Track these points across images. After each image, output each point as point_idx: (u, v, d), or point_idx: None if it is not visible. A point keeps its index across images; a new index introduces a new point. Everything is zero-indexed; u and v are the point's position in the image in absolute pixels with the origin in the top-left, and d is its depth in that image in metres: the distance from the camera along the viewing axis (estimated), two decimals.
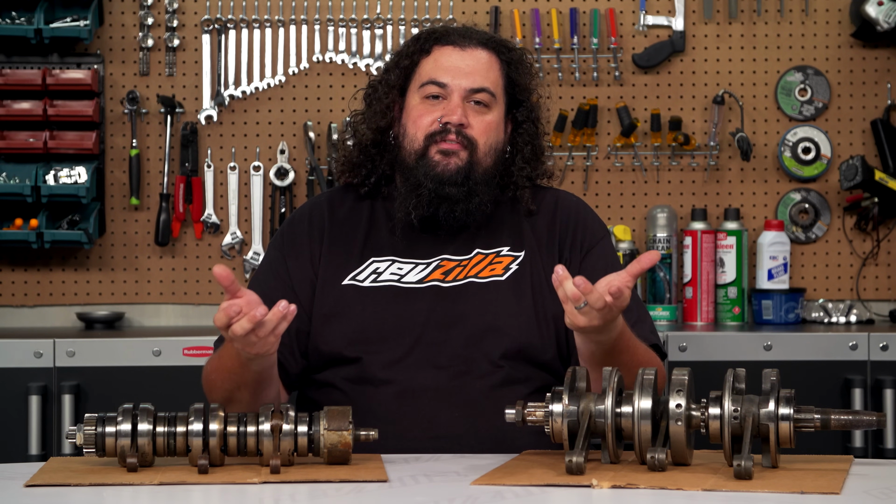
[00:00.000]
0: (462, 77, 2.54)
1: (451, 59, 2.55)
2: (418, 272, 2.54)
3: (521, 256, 2.55)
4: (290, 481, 2.05)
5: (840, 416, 2.09)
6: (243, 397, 2.38)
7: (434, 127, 2.53)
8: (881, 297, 4.24)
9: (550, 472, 2.08)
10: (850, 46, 4.24)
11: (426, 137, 2.53)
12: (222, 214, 4.20)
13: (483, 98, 2.54)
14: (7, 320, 4.18)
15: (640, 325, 2.50)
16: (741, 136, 4.15)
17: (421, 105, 2.55)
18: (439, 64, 2.55)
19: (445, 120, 2.52)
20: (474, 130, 2.53)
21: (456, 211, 2.52)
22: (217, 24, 4.18)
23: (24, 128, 4.08)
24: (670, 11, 4.23)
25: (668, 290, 4.14)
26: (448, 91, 2.53)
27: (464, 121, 2.52)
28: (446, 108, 2.53)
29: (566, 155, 4.21)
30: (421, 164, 2.52)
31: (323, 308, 2.53)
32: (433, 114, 2.53)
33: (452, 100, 2.53)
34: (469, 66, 2.55)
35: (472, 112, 2.54)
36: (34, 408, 3.61)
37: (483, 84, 2.54)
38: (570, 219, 2.60)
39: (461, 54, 2.55)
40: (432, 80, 2.54)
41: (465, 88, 2.53)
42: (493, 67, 2.57)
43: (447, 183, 2.51)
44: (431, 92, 2.54)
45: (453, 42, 2.56)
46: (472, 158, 2.53)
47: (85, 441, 2.12)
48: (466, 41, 2.57)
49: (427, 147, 2.53)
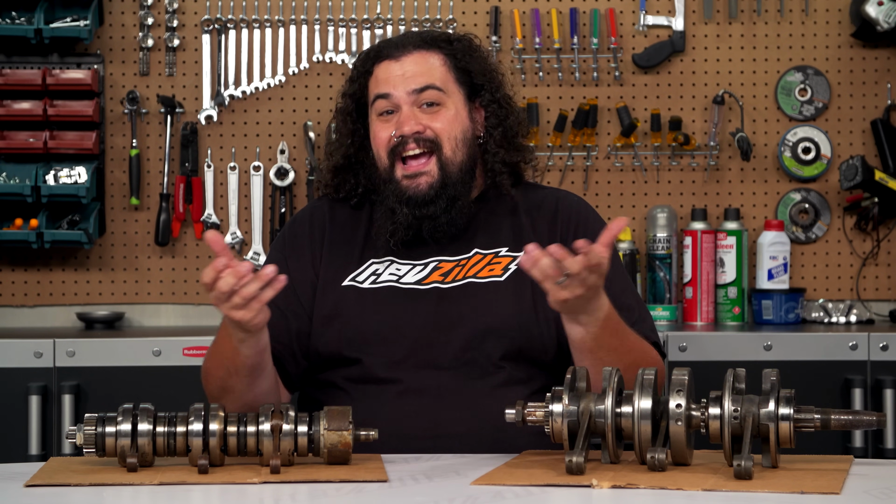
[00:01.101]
0: (402, 83, 2.54)
1: (390, 70, 2.56)
2: (416, 273, 2.54)
3: (520, 257, 2.55)
4: (290, 481, 2.05)
5: (840, 416, 2.09)
6: (236, 385, 2.37)
7: (392, 142, 2.54)
8: (881, 297, 4.24)
9: (550, 472, 2.08)
10: (850, 46, 4.24)
11: (389, 153, 2.54)
12: (222, 214, 4.20)
13: (431, 96, 2.54)
14: (7, 320, 4.18)
15: (641, 324, 2.50)
16: (741, 136, 4.16)
17: (378, 123, 2.57)
18: (380, 79, 2.56)
19: (399, 133, 2.53)
20: (434, 130, 2.53)
21: (439, 225, 2.54)
22: (217, 24, 4.18)
23: (24, 128, 4.08)
24: (670, 11, 4.23)
25: (668, 290, 4.14)
26: (395, 101, 2.54)
27: (418, 127, 2.52)
28: (398, 120, 2.53)
29: (566, 155, 4.21)
30: (391, 189, 2.54)
31: (323, 309, 2.54)
32: (388, 129, 2.54)
33: (403, 111, 2.54)
34: (408, 72, 2.55)
35: (426, 115, 2.54)
36: (34, 408, 3.61)
37: (426, 82, 2.54)
38: (572, 218, 2.60)
39: (398, 63, 2.56)
40: (377, 95, 2.56)
41: (408, 93, 2.54)
42: (435, 66, 2.56)
43: (422, 204, 2.52)
44: (382, 108, 2.56)
45: (388, 55, 2.57)
46: (442, 161, 2.53)
47: (85, 441, 2.12)
48: (400, 50, 2.57)
49: (393, 164, 2.54)
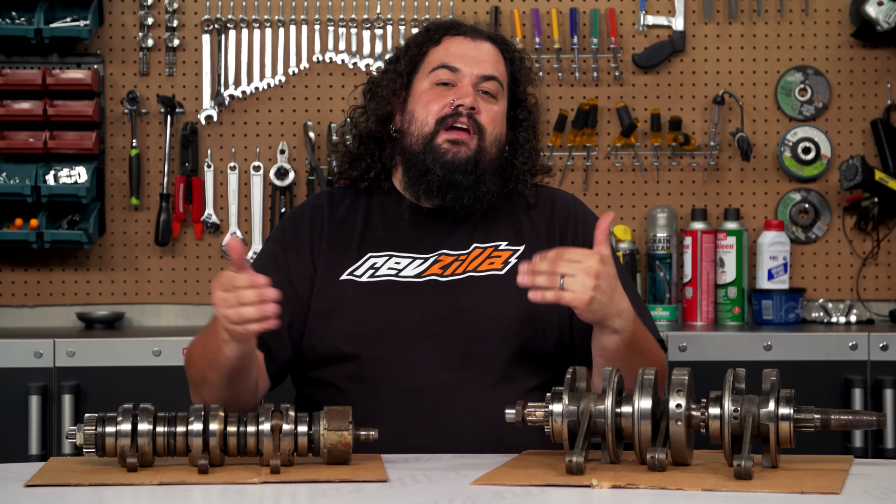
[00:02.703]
0: (474, 64, 2.57)
1: (463, 48, 2.59)
2: (416, 266, 2.54)
3: (520, 250, 2.56)
4: (290, 481, 2.05)
5: (840, 416, 2.09)
6: (214, 379, 2.37)
7: (446, 110, 2.55)
8: (881, 297, 4.24)
9: (550, 472, 2.08)
10: (850, 46, 4.24)
11: (437, 121, 2.55)
12: (222, 214, 4.20)
13: (492, 87, 2.58)
14: (7, 320, 4.18)
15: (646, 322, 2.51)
16: (741, 136, 4.15)
17: (431, 90, 2.57)
18: (451, 51, 2.59)
19: (458, 103, 2.54)
20: (483, 117, 2.56)
21: (464, 199, 2.54)
22: (217, 24, 4.18)
23: (24, 128, 4.08)
24: (670, 11, 4.23)
25: (668, 290, 4.14)
26: (459, 77, 2.56)
27: (476, 105, 2.55)
28: (458, 92, 2.55)
29: (566, 155, 4.21)
30: (429, 150, 2.54)
31: (321, 304, 2.53)
32: (444, 98, 2.56)
33: (463, 84, 2.56)
34: (480, 55, 2.58)
35: (482, 100, 2.57)
36: (34, 408, 3.61)
37: (493, 72, 2.58)
38: (569, 215, 2.61)
39: (472, 44, 2.60)
40: (444, 65, 2.57)
41: (476, 75, 2.57)
42: (500, 61, 2.61)
43: (457, 171, 2.53)
44: (442, 78, 2.57)
45: (464, 32, 2.61)
46: (481, 146, 2.55)
47: (85, 441, 2.12)
48: (476, 33, 2.61)
49: (436, 132, 2.54)
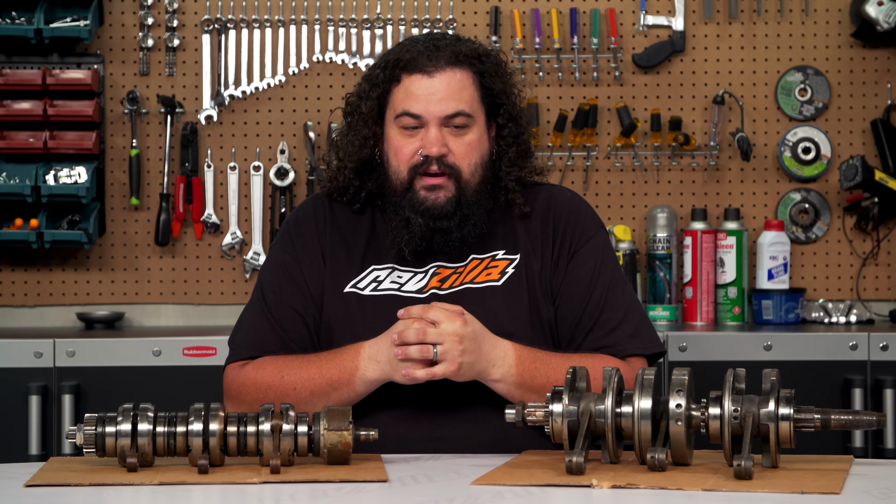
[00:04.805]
0: (435, 104, 2.48)
1: (422, 87, 2.49)
2: (417, 281, 2.53)
3: (516, 259, 2.54)
4: (290, 481, 2.05)
5: (840, 416, 2.09)
6: (317, 404, 2.40)
7: (416, 159, 2.49)
8: (881, 297, 4.24)
9: (550, 472, 2.08)
10: (850, 46, 4.24)
11: (410, 169, 2.50)
12: (222, 214, 4.20)
13: (460, 121, 2.50)
14: (7, 320, 4.18)
15: (619, 330, 2.49)
16: (741, 136, 4.15)
17: (399, 136, 2.51)
18: (411, 93, 2.50)
19: (425, 153, 2.49)
20: (456, 156, 2.50)
21: (451, 241, 2.52)
22: (217, 24, 4.18)
23: (24, 128, 4.08)
24: (670, 11, 4.23)
25: (668, 290, 4.14)
26: (423, 121, 2.49)
27: (444, 150, 2.49)
28: (424, 140, 2.49)
29: (566, 155, 4.21)
30: (408, 199, 2.50)
31: (326, 315, 2.53)
32: (412, 144, 2.50)
33: (430, 131, 2.49)
34: (441, 92, 2.49)
35: (451, 136, 2.50)
36: (34, 408, 3.61)
37: (457, 108, 2.49)
38: (563, 217, 2.57)
39: (430, 81, 2.49)
40: (406, 112, 2.49)
41: (439, 116, 2.49)
42: (465, 86, 2.51)
43: (438, 217, 2.49)
44: (408, 124, 2.50)
45: (421, 68, 2.50)
46: (459, 185, 2.50)
47: (85, 441, 2.12)
48: (434, 65, 2.50)
49: (412, 178, 2.51)
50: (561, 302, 2.52)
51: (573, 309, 2.51)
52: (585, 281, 2.51)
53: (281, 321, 2.51)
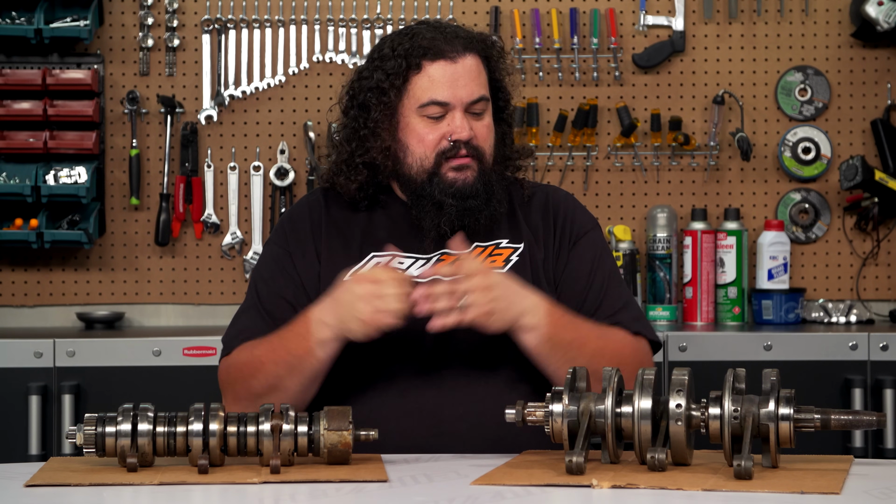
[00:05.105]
0: (461, 90, 2.51)
1: (447, 73, 2.52)
2: (419, 267, 2.53)
3: (520, 248, 2.57)
4: (290, 481, 2.05)
5: (840, 416, 2.09)
6: (291, 386, 2.40)
7: (444, 144, 2.52)
8: (881, 297, 4.24)
9: (550, 472, 2.08)
10: (850, 46, 4.24)
11: (438, 155, 2.52)
12: (222, 214, 4.20)
13: (481, 106, 2.55)
14: (7, 320, 4.18)
15: (623, 313, 2.53)
16: (741, 136, 4.16)
17: (423, 125, 2.52)
18: (435, 80, 2.52)
19: (455, 138, 2.51)
20: (478, 139, 2.54)
21: (480, 219, 2.54)
22: (217, 24, 4.18)
23: (24, 128, 4.08)
24: (670, 11, 4.23)
25: (668, 290, 4.14)
26: (450, 108, 2.52)
27: (472, 134, 2.53)
28: (452, 125, 2.51)
29: (566, 155, 4.22)
30: (436, 183, 2.52)
31: None
32: (438, 131, 2.52)
33: (456, 116, 2.52)
34: (465, 77, 2.52)
35: (472, 120, 2.54)
36: (34, 408, 3.61)
37: (481, 93, 2.54)
38: (560, 211, 2.62)
39: (454, 67, 2.52)
40: (434, 101, 2.51)
41: (465, 102, 2.52)
42: (481, 71, 2.56)
43: (469, 196, 2.52)
44: (434, 113, 2.52)
45: (443, 55, 2.52)
46: (482, 166, 2.54)
47: (85, 441, 2.12)
48: (453, 48, 2.53)
49: (438, 163, 2.53)
50: (563, 289, 2.54)
51: (576, 295, 2.54)
52: (587, 269, 2.57)
53: (272, 311, 2.52)
